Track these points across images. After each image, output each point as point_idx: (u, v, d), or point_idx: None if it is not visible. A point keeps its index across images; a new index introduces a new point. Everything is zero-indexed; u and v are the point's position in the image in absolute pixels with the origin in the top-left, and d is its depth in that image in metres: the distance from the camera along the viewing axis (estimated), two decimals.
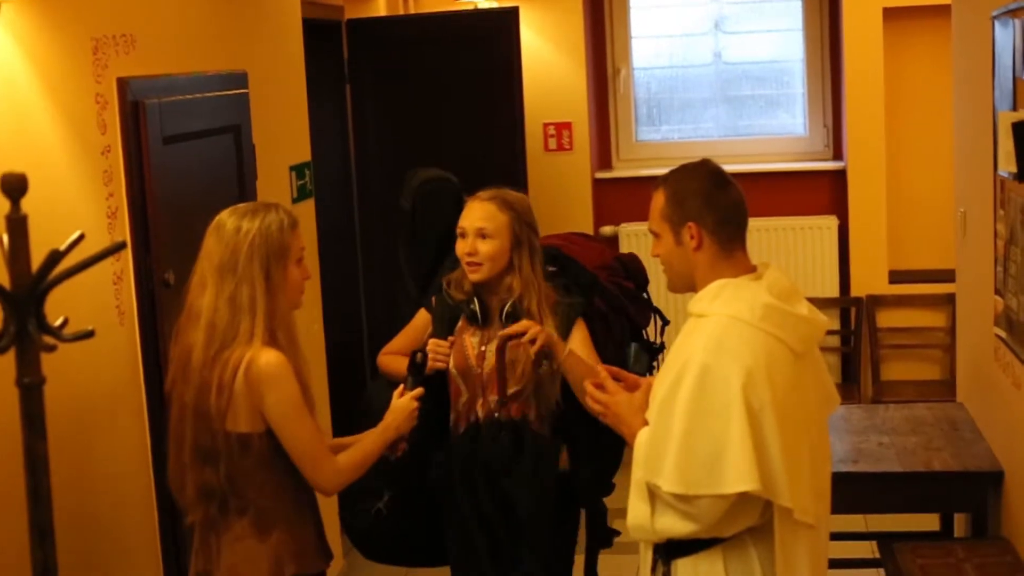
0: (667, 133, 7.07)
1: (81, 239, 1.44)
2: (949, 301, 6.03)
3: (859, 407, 5.03)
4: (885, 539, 4.08)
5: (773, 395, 2.45)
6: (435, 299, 3.44)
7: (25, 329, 1.41)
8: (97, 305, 3.20)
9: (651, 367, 3.48)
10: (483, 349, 3.31)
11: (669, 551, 2.60)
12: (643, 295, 3.63)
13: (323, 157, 5.58)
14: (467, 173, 3.88)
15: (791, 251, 6.60)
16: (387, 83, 6.04)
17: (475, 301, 3.31)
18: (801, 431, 2.53)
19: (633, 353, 3.49)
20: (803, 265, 6.59)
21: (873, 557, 4.44)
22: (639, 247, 6.61)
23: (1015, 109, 3.62)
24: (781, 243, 6.59)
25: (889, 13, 6.41)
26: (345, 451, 2.96)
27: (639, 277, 3.64)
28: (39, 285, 1.42)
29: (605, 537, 3.50)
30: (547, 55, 6.66)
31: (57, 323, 1.45)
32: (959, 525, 4.56)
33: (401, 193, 3.83)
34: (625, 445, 3.46)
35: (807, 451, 2.54)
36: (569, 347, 3.22)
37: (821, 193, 6.74)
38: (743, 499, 2.46)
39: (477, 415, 3.31)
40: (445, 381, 3.35)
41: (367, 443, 3.01)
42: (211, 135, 3.88)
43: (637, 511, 2.56)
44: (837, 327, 6.53)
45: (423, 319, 3.49)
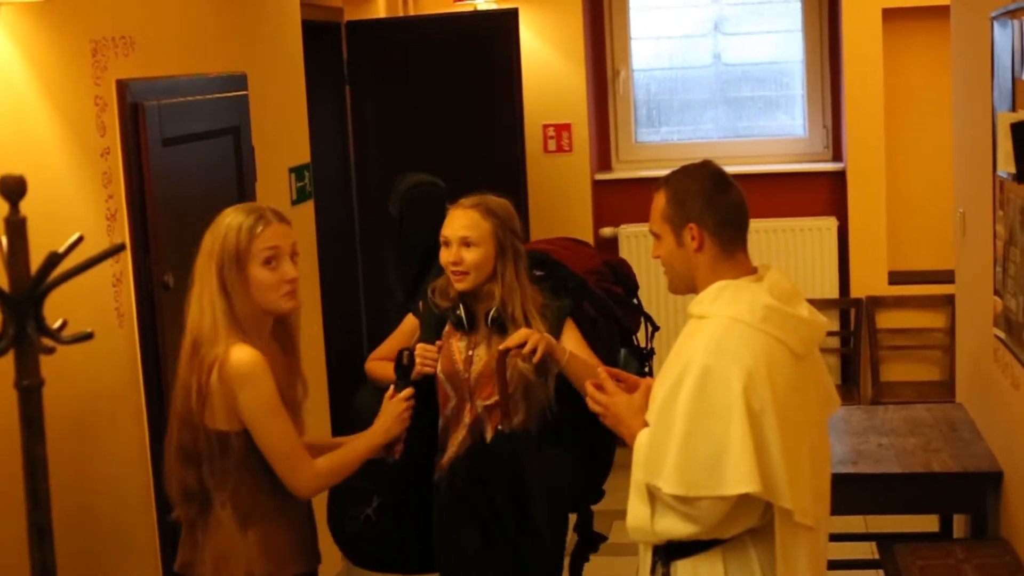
0: (667, 134, 7.07)
1: (80, 241, 1.44)
2: (948, 302, 6.03)
3: (858, 408, 5.03)
4: (885, 540, 4.08)
5: (774, 396, 2.45)
6: (422, 304, 3.45)
7: (24, 331, 1.41)
8: (96, 307, 3.20)
9: (641, 372, 3.47)
10: (470, 354, 3.32)
11: (668, 552, 2.60)
12: (633, 300, 3.62)
13: (322, 159, 5.58)
14: (466, 175, 3.88)
15: (790, 252, 6.60)
16: (386, 85, 6.03)
17: (461, 307, 3.32)
18: (802, 432, 2.53)
19: (622, 359, 3.49)
20: (802, 266, 6.59)
21: (873, 558, 4.44)
22: (639, 249, 6.61)
23: (1014, 110, 3.62)
24: (780, 244, 6.60)
25: (888, 14, 6.41)
26: (326, 454, 2.93)
27: (628, 282, 3.63)
28: (38, 287, 1.42)
29: (592, 541, 3.51)
30: (546, 56, 6.66)
31: (56, 325, 1.45)
32: (958, 526, 4.56)
33: (389, 198, 3.82)
34: (615, 451, 3.48)
35: (807, 452, 2.54)
36: (568, 350, 3.21)
37: (820, 194, 6.74)
38: (743, 500, 2.46)
39: (466, 420, 3.31)
40: (433, 386, 3.36)
41: (353, 446, 3.00)
42: (210, 137, 3.88)
43: (637, 513, 2.56)
44: (836, 328, 6.53)
45: (411, 324, 3.50)
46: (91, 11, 3.23)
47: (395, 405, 3.05)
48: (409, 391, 3.08)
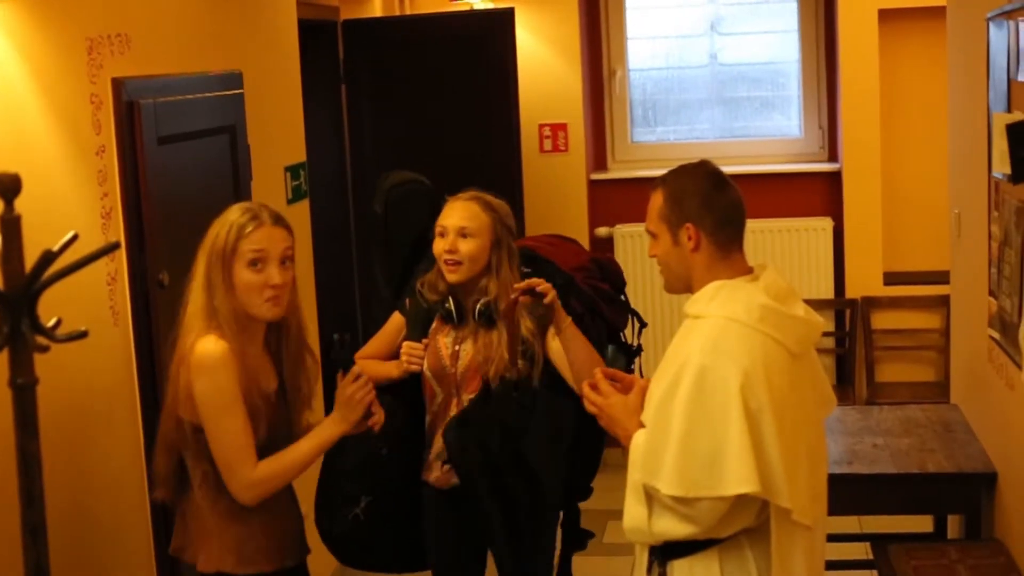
0: (663, 134, 7.07)
1: (75, 239, 1.44)
2: (944, 303, 6.03)
3: (853, 408, 5.03)
4: (879, 540, 4.08)
5: (771, 396, 2.45)
6: (409, 302, 3.45)
7: (18, 330, 1.41)
8: (91, 306, 3.20)
9: (628, 369, 3.48)
10: (456, 349, 3.32)
11: (665, 553, 2.60)
12: (620, 297, 3.63)
13: (318, 158, 5.58)
14: (462, 174, 3.88)
15: (786, 253, 6.60)
16: (382, 84, 6.03)
17: (450, 300, 3.33)
18: (799, 432, 2.53)
19: (610, 355, 3.50)
20: (798, 267, 6.59)
21: (867, 559, 4.44)
22: (634, 248, 6.62)
23: (1009, 111, 3.62)
24: (776, 245, 6.60)
25: (884, 15, 6.41)
26: (267, 458, 2.81)
27: (615, 279, 3.63)
28: (32, 285, 1.42)
29: (579, 539, 3.52)
30: (543, 56, 6.65)
31: (51, 324, 1.44)
32: (952, 526, 4.56)
33: (373, 197, 3.82)
34: (604, 449, 3.48)
35: (805, 452, 2.54)
36: (568, 317, 3.21)
37: (816, 195, 6.74)
38: (740, 500, 2.46)
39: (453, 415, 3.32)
40: (419, 383, 3.36)
41: (296, 446, 2.86)
42: (206, 135, 3.88)
43: (634, 513, 2.56)
44: (832, 329, 6.53)
45: (397, 323, 3.50)
46: (87, 9, 3.22)
47: (344, 389, 2.90)
48: (355, 371, 2.94)
